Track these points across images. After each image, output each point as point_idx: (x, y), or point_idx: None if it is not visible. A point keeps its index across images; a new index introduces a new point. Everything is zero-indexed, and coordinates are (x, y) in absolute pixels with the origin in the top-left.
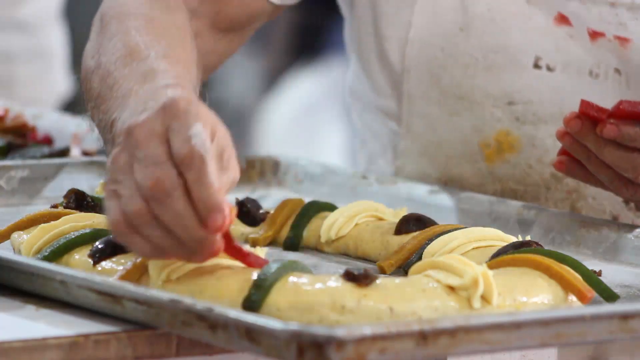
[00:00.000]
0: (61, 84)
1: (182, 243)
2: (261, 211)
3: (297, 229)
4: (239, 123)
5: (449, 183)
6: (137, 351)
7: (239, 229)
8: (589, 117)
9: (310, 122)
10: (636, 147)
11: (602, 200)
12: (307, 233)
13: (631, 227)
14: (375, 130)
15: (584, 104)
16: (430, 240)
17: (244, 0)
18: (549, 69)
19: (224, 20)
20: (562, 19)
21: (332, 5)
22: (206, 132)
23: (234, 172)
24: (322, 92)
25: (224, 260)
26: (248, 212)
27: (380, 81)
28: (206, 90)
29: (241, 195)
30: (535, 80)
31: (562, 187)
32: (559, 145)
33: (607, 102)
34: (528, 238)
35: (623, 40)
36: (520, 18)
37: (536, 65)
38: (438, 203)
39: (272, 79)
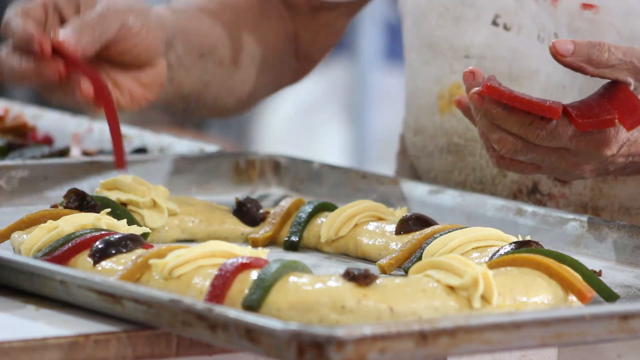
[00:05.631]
0: None
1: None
2: (261, 211)
3: (297, 229)
4: (239, 123)
5: (418, 134)
6: (137, 351)
7: (239, 229)
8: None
9: (310, 122)
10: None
11: None
12: (307, 233)
13: (631, 227)
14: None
15: (485, 84)
16: (430, 240)
17: None
18: (505, 28)
19: None
20: None
21: None
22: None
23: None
24: (322, 91)
25: (224, 259)
26: (248, 212)
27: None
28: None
29: (241, 195)
30: (492, 37)
31: None
32: None
33: (549, 67)
34: (528, 238)
35: (554, 0)
36: None
37: (494, 23)
38: (438, 203)
39: None
